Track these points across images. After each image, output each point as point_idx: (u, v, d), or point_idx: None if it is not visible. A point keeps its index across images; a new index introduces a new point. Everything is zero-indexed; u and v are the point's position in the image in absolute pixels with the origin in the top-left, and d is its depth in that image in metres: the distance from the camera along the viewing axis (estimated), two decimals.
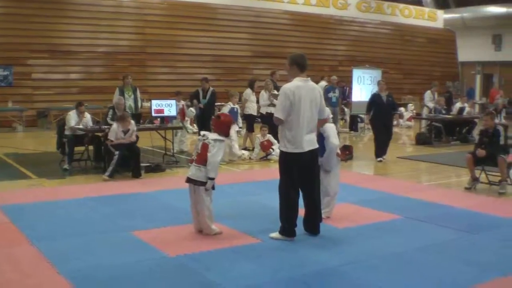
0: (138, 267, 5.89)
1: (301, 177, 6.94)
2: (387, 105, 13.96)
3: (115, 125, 11.38)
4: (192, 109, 16.08)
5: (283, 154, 6.96)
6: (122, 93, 14.07)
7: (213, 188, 7.14)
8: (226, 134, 7.36)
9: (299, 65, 6.98)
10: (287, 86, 6.86)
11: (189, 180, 7.13)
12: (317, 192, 7.20)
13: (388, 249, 6.70)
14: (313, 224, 7.19)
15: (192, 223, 7.32)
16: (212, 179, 7.03)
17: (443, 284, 5.59)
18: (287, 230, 6.95)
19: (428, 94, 20.60)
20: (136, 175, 11.39)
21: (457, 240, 7.18)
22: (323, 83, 21.37)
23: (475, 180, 10.61)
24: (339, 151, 8.02)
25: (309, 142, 6.87)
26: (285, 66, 7.10)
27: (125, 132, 11.45)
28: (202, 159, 7.04)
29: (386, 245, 6.88)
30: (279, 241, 6.88)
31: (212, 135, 7.14)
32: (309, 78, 7.01)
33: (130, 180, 11.20)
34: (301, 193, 7.10)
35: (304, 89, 6.84)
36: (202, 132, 7.43)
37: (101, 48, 23.37)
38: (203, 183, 7.04)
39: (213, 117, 7.64)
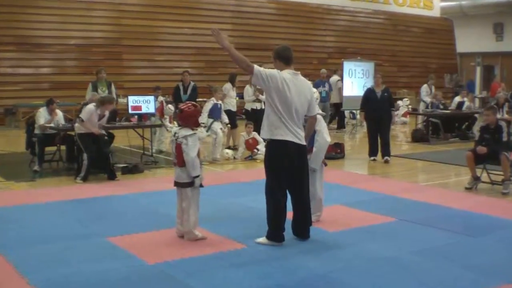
0: (114, 275, 5.87)
1: (289, 176, 6.93)
2: (381, 101, 13.86)
3: (92, 105, 11.30)
4: (170, 106, 16.04)
5: (268, 146, 6.95)
6: (95, 89, 14.04)
7: (201, 185, 7.24)
8: (196, 125, 7.45)
9: (283, 58, 6.97)
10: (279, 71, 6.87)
11: (176, 183, 7.24)
12: (306, 193, 7.17)
13: (382, 253, 6.72)
14: (302, 228, 7.19)
15: (175, 227, 7.33)
16: (196, 176, 7.10)
17: None
18: (275, 234, 6.95)
19: (424, 88, 20.66)
20: (111, 177, 11.36)
21: (456, 243, 7.21)
22: (336, 77, 21.46)
23: (476, 179, 10.64)
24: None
25: (297, 136, 6.85)
26: (273, 61, 7.08)
27: (101, 117, 11.40)
28: (181, 160, 7.12)
29: (380, 249, 6.89)
30: (265, 247, 6.87)
31: (182, 132, 7.17)
32: (298, 72, 7.00)
33: (105, 182, 11.16)
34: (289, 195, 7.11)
35: (293, 82, 6.82)
36: (173, 130, 7.46)
37: (73, 40, 23.24)
38: (189, 184, 7.15)
39: (176, 111, 7.63)
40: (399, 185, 10.99)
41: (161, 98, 15.76)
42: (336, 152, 14.47)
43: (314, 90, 7.66)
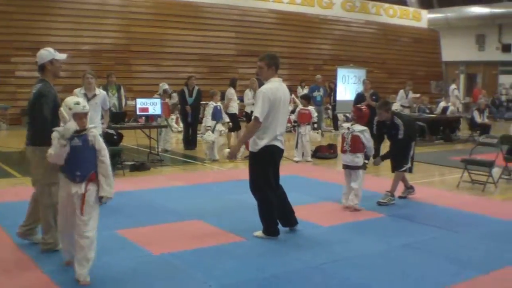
0: (122, 265, 5.89)
1: (272, 172, 6.99)
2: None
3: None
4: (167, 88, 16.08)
5: (258, 152, 6.85)
6: (106, 92, 14.04)
7: (365, 167, 8.84)
8: (364, 123, 8.75)
9: (277, 66, 7.02)
10: (267, 88, 6.84)
11: (347, 167, 8.66)
12: (280, 190, 7.21)
13: (371, 247, 6.76)
14: (291, 216, 7.27)
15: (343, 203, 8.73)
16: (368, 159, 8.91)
17: (425, 281, 5.64)
18: (271, 229, 6.98)
19: (400, 93, 20.59)
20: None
21: (439, 238, 7.25)
22: (453, 86, 22.51)
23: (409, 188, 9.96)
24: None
25: (280, 142, 6.94)
26: (261, 67, 6.99)
27: (89, 98, 9.72)
28: (356, 148, 8.54)
29: (369, 243, 6.93)
30: (263, 240, 6.90)
31: (356, 127, 8.61)
32: (281, 79, 7.08)
33: (115, 178, 11.12)
34: None
35: (281, 91, 6.89)
36: (346, 125, 9.00)
37: (85, 46, 23.26)
38: (360, 167, 8.62)
39: (353, 108, 8.94)
40: (387, 183, 10.95)
41: (167, 100, 15.80)
42: (329, 152, 14.51)
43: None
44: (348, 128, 8.71)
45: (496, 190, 10.63)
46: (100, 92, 9.85)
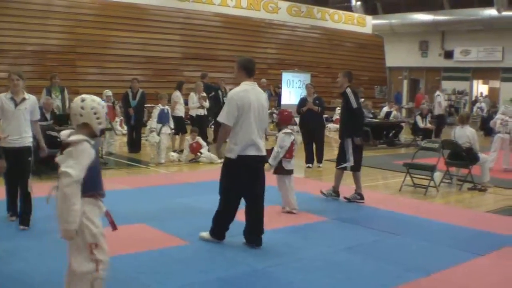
0: (64, 270, 5.79)
1: (246, 183, 6.80)
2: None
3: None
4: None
5: (231, 160, 6.73)
6: (49, 94, 13.85)
7: None
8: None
9: (247, 70, 6.89)
10: (234, 91, 6.81)
11: (292, 171, 8.91)
12: (261, 202, 6.99)
13: (315, 250, 6.81)
14: (256, 235, 6.94)
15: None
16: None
17: (368, 284, 5.71)
18: (218, 232, 6.93)
19: None
20: (22, 222, 7.58)
21: (381, 241, 7.35)
22: (437, 92, 22.40)
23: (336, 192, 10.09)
24: None
25: (257, 148, 6.78)
26: (234, 70, 7.02)
27: (17, 103, 7.59)
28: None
29: (313, 246, 6.98)
30: (207, 243, 6.87)
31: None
32: (255, 83, 6.99)
33: (54, 180, 10.93)
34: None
35: (253, 94, 6.77)
36: (289, 131, 9.01)
37: (30, 47, 22.81)
38: None
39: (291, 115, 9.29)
40: (330, 187, 11.07)
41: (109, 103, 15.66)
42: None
43: None
44: (292, 133, 8.97)
45: (438, 194, 10.84)
46: (29, 97, 7.79)
